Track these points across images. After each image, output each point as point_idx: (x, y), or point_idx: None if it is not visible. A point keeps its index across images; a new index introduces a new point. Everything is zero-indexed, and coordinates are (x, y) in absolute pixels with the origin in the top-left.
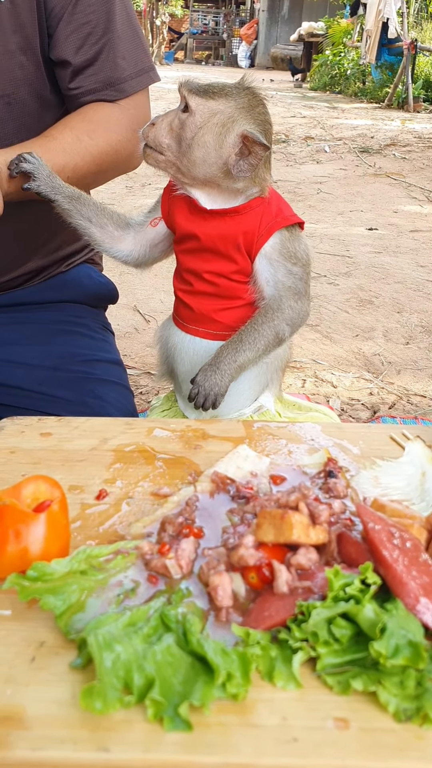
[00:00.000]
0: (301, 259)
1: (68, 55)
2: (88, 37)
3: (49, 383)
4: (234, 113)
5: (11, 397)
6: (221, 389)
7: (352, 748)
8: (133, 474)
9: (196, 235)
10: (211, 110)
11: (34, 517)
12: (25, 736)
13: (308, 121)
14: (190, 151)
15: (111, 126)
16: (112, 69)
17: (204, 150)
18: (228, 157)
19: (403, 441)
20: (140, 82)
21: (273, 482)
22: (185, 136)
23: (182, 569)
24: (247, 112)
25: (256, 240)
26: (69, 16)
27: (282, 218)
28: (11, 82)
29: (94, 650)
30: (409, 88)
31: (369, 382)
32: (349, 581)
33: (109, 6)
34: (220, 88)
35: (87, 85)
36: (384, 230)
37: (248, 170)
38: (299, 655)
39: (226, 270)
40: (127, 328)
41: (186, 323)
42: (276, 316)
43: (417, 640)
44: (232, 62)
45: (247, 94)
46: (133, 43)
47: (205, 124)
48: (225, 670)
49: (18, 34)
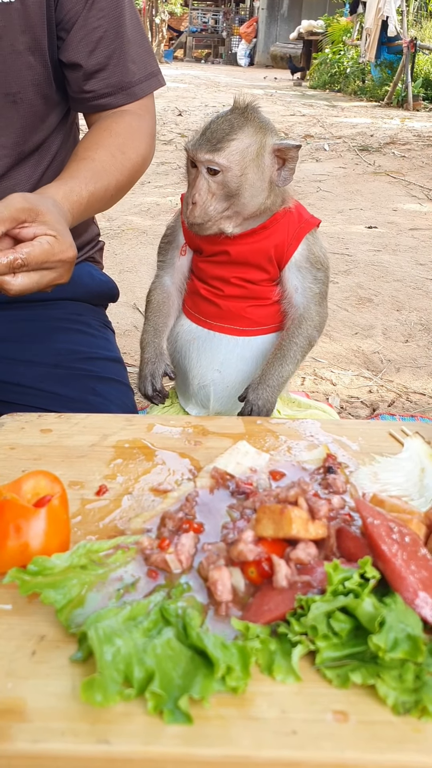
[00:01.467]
0: (324, 263)
1: (80, 59)
2: (100, 41)
3: (50, 380)
4: (256, 138)
5: (12, 394)
6: (272, 405)
7: (351, 741)
8: (133, 470)
9: (227, 252)
10: (239, 152)
11: (34, 512)
12: (26, 729)
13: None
14: (240, 197)
15: (136, 136)
16: (123, 73)
17: (251, 187)
18: (271, 176)
19: (402, 437)
20: (149, 86)
21: (272, 478)
22: (230, 190)
23: (182, 564)
24: (262, 128)
25: (286, 249)
26: (83, 21)
27: (305, 223)
28: (18, 81)
29: (95, 644)
30: (408, 86)
31: (368, 380)
32: (348, 575)
33: (119, 11)
34: (227, 125)
35: (99, 89)
36: (383, 228)
37: (291, 175)
38: (298, 649)
39: (255, 278)
40: (127, 326)
41: (210, 320)
42: (308, 325)
43: (416, 634)
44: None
45: (247, 112)
46: (142, 47)
47: (244, 168)
48: (225, 663)
49: (27, 34)
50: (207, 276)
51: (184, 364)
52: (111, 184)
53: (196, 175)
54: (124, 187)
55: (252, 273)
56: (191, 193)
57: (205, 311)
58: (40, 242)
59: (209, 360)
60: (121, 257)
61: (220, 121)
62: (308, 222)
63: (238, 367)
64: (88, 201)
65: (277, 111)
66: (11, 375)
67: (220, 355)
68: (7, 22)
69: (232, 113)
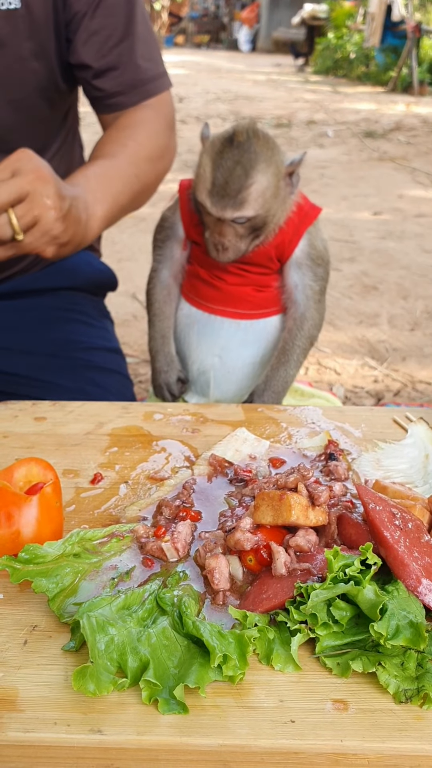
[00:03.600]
0: (324, 258)
1: (91, 60)
2: (110, 40)
3: (48, 370)
4: (270, 170)
5: (9, 384)
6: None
7: (351, 729)
8: (129, 458)
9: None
10: (261, 194)
11: (26, 500)
12: (18, 718)
13: (311, 105)
14: (266, 228)
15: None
16: (134, 71)
17: (274, 216)
18: (286, 193)
19: (406, 423)
20: (163, 84)
21: (272, 465)
22: (258, 227)
23: (178, 552)
24: (272, 155)
25: (287, 246)
26: (90, 20)
27: (305, 217)
28: (23, 88)
29: (87, 633)
30: (413, 71)
31: (373, 369)
32: (349, 562)
33: (129, 8)
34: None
35: (110, 87)
36: (388, 215)
37: (299, 181)
38: (298, 637)
39: (256, 271)
40: (126, 315)
41: (210, 303)
42: (309, 325)
43: (418, 621)
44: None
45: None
46: (150, 45)
47: (267, 208)
48: (221, 652)
49: (32, 40)
50: (207, 264)
51: (183, 349)
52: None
53: (220, 223)
54: (152, 185)
55: (252, 268)
56: (219, 240)
57: (205, 294)
58: None
59: (209, 345)
60: (119, 246)
61: (230, 165)
62: (308, 215)
63: (239, 352)
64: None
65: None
66: (8, 364)
67: (221, 339)
68: (13, 29)
69: (237, 149)
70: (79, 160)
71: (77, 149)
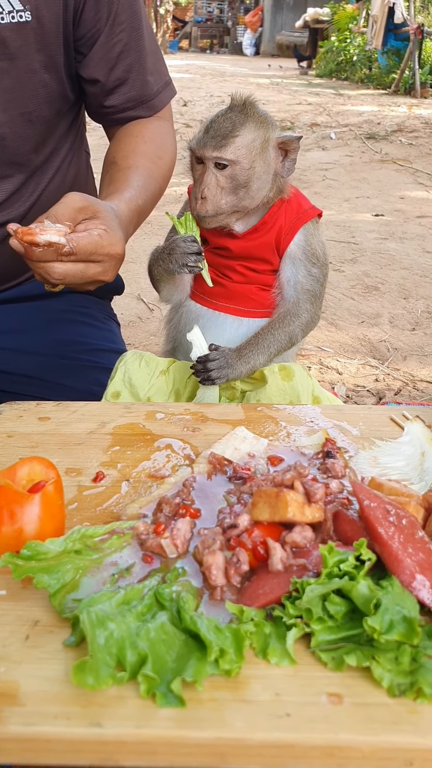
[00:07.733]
0: (320, 259)
1: (101, 75)
2: (120, 55)
3: (55, 371)
4: (259, 132)
5: (16, 385)
6: (230, 376)
7: (346, 723)
8: (130, 456)
9: (228, 248)
10: (245, 146)
11: (28, 498)
12: (19, 712)
13: (314, 107)
14: (249, 190)
15: (165, 140)
16: (142, 86)
17: (258, 180)
18: (276, 168)
19: (403, 422)
20: (167, 96)
21: (270, 463)
22: (239, 183)
23: (177, 548)
24: (263, 123)
25: (284, 238)
26: (105, 38)
27: (304, 213)
28: (33, 99)
29: (87, 627)
30: (416, 73)
31: (375, 369)
32: (344, 558)
33: (137, 21)
34: (229, 123)
35: (119, 103)
36: (390, 216)
37: (293, 165)
38: (293, 632)
39: (260, 268)
40: (131, 317)
41: (215, 300)
42: (292, 322)
43: (412, 616)
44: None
45: (246, 108)
46: (156, 55)
47: (252, 162)
48: (218, 646)
49: (42, 52)
50: (213, 264)
51: (187, 343)
52: (157, 190)
53: (203, 170)
54: (163, 190)
55: (257, 264)
56: (200, 189)
57: (210, 291)
58: (90, 233)
59: (213, 340)
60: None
61: (222, 119)
62: (307, 212)
63: None
64: (143, 209)
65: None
66: (16, 366)
67: (225, 335)
68: (24, 42)
69: (231, 110)
70: (86, 164)
71: (84, 155)
